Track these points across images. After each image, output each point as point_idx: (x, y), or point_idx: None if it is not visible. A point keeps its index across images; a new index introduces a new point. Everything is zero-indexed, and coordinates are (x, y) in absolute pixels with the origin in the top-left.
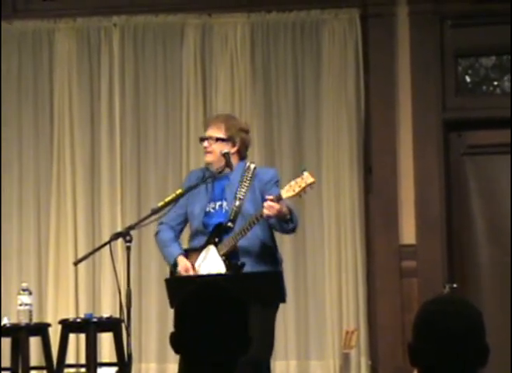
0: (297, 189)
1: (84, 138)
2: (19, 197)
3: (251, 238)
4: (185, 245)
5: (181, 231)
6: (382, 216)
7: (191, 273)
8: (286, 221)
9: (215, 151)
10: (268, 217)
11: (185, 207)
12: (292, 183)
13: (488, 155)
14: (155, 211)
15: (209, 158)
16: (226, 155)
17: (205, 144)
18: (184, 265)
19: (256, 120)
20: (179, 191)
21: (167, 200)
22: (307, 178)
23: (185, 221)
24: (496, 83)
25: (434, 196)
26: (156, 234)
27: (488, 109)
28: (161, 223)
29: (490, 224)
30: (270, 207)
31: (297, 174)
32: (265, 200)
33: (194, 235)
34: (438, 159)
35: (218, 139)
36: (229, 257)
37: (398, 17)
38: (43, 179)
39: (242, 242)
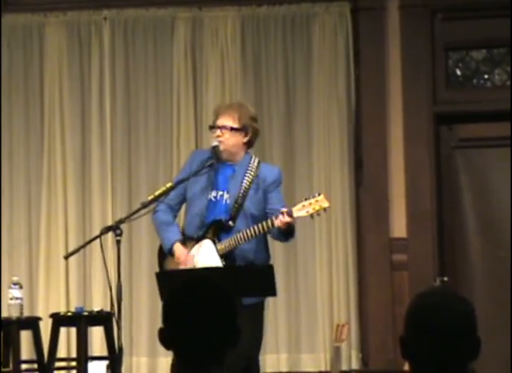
0: (310, 211)
1: (75, 132)
2: (9, 191)
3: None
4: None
5: (179, 210)
6: (373, 209)
7: (188, 260)
8: (287, 234)
9: (228, 141)
10: (277, 227)
11: (184, 187)
12: (306, 203)
13: (479, 149)
14: (145, 205)
15: (221, 146)
16: (214, 148)
17: (218, 132)
18: (180, 252)
19: None
20: (169, 184)
21: (157, 193)
22: (322, 201)
23: (183, 201)
24: (486, 76)
25: (425, 190)
26: (155, 213)
27: (479, 102)
28: (161, 201)
29: (481, 217)
30: (281, 222)
31: (288, 170)
32: (280, 212)
33: (190, 221)
34: (429, 153)
35: (232, 128)
36: (226, 256)
37: (388, 11)
38: (34, 173)
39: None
